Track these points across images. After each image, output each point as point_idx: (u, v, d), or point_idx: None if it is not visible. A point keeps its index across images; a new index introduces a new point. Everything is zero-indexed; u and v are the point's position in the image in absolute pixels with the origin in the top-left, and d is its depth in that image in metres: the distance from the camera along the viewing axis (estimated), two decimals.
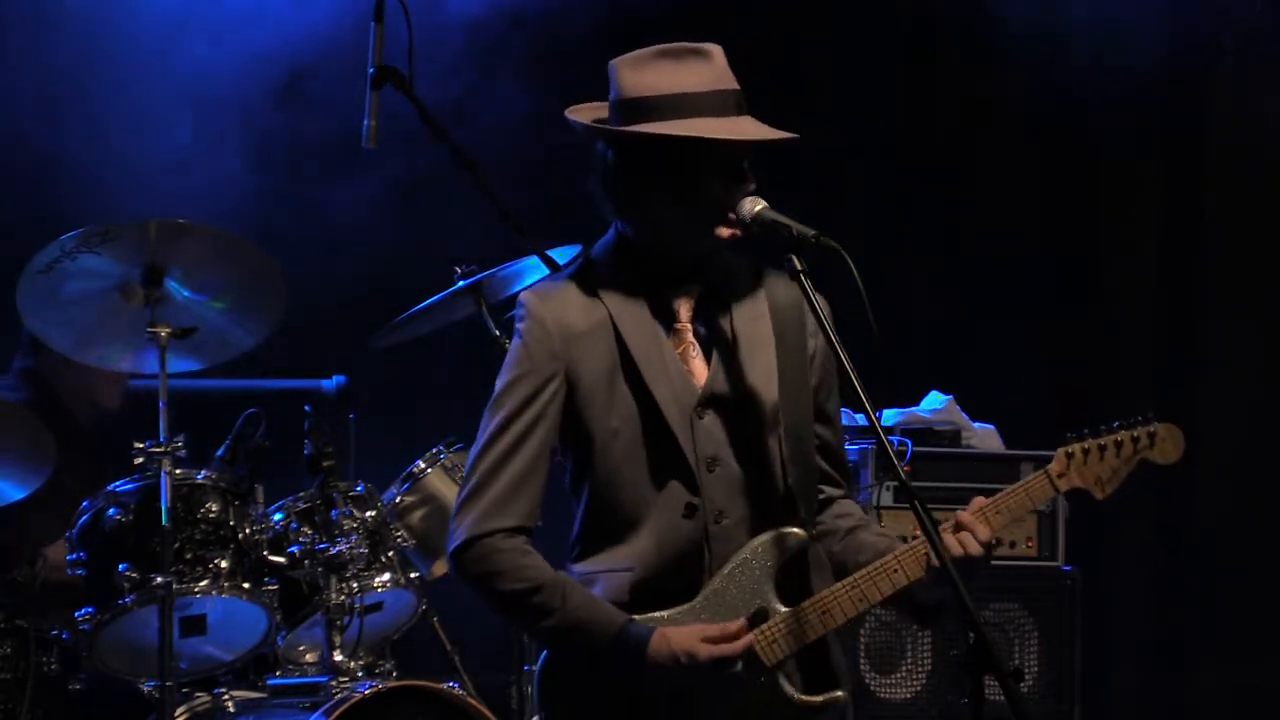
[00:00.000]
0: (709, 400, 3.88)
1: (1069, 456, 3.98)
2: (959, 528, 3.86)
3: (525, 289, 3.97)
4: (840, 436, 4.04)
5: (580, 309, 3.88)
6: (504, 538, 3.82)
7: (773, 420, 3.89)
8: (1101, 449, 3.98)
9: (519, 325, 3.89)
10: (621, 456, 3.85)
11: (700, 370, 3.90)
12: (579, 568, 3.89)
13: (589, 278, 3.92)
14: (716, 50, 3.89)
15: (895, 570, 3.85)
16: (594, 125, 3.90)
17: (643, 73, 3.85)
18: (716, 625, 3.79)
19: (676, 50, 3.87)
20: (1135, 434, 4.00)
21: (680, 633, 3.76)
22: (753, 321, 3.94)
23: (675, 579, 3.84)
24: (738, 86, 3.86)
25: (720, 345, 3.91)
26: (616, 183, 3.88)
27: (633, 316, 3.88)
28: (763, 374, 3.91)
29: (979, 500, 3.92)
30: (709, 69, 3.85)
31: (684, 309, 3.92)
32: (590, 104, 3.96)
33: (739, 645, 3.77)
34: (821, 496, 4.02)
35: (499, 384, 3.88)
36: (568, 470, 3.94)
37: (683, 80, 3.83)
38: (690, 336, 3.92)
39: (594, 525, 3.89)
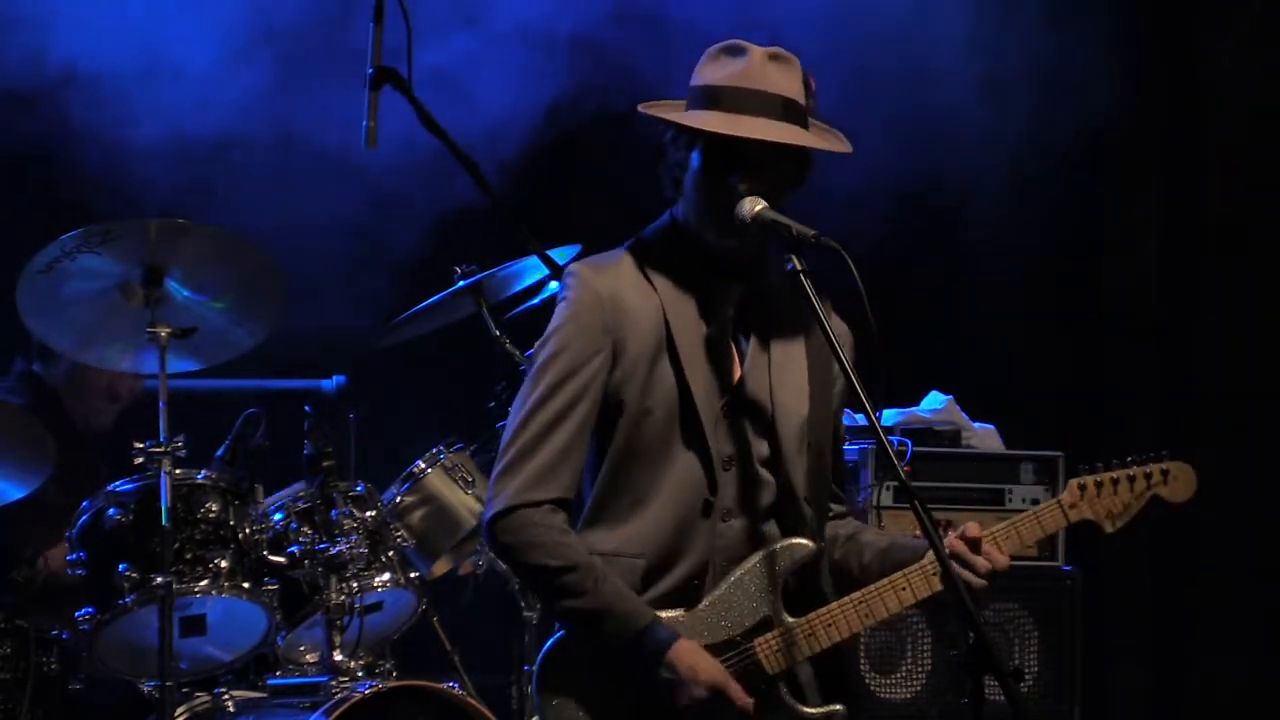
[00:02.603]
0: (738, 400, 3.91)
1: (1081, 489, 3.99)
2: (974, 546, 3.87)
3: (574, 262, 3.98)
4: (843, 458, 4.09)
5: (633, 286, 3.91)
6: (547, 511, 3.83)
7: (800, 433, 3.91)
8: (1114, 482, 3.99)
9: (569, 294, 3.90)
10: (647, 438, 3.86)
11: (733, 369, 3.92)
12: (586, 543, 3.88)
13: (641, 258, 3.95)
14: (783, 54, 3.91)
15: (904, 589, 3.87)
16: (641, 109, 3.97)
17: (705, 64, 3.93)
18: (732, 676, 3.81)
19: (729, 45, 3.93)
20: (1148, 470, 4.01)
21: (705, 654, 3.78)
22: (789, 335, 3.96)
23: (682, 574, 3.87)
24: (790, 95, 3.87)
25: (756, 349, 3.93)
26: (669, 164, 3.95)
27: (681, 303, 3.91)
28: (795, 386, 3.93)
29: (974, 526, 3.91)
30: (759, 68, 3.87)
31: (727, 307, 3.95)
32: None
33: (744, 703, 3.79)
34: (830, 515, 4.06)
35: (545, 350, 3.89)
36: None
37: (718, 74, 3.88)
38: (729, 334, 3.94)
39: (603, 500, 3.90)
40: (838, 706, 3.88)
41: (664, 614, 3.84)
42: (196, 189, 6.78)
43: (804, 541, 3.89)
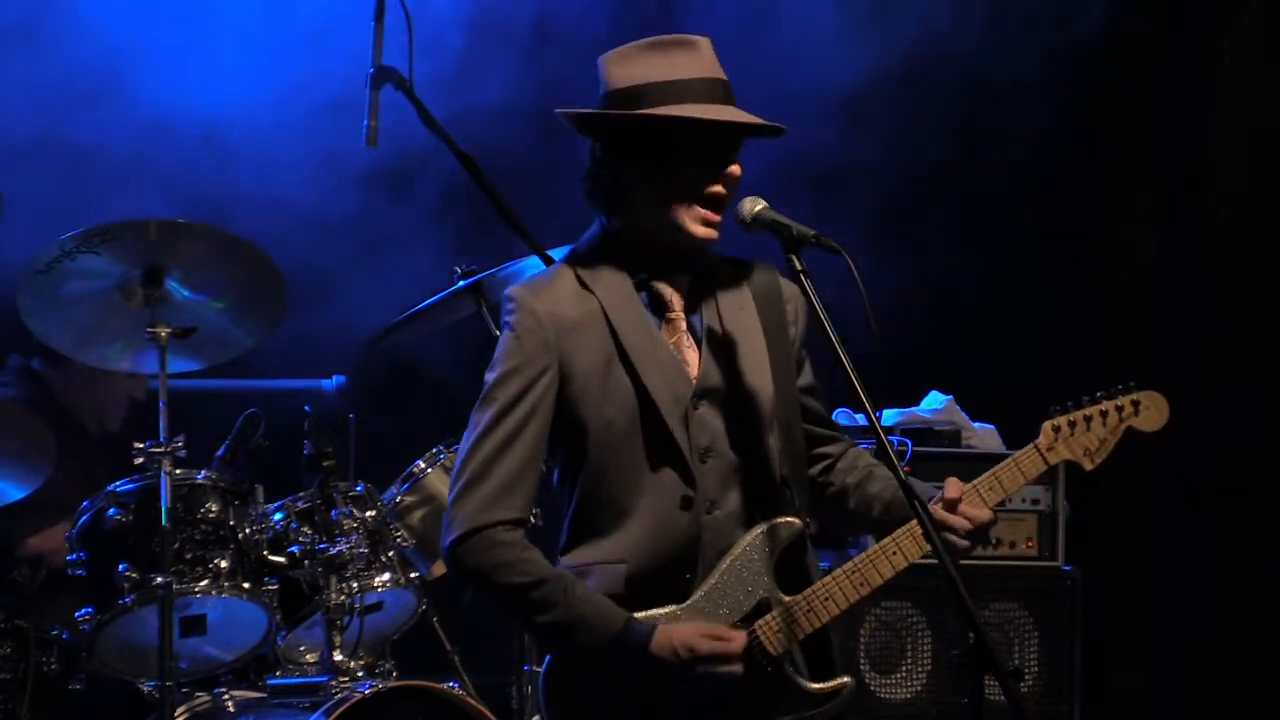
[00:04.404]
0: (704, 391, 3.89)
1: (1055, 430, 3.99)
2: (951, 506, 3.86)
3: (513, 285, 3.97)
4: (822, 398, 4.07)
5: (572, 301, 3.88)
6: (505, 530, 3.80)
7: (769, 411, 3.90)
8: (1087, 420, 4.00)
9: (509, 319, 3.89)
10: (615, 447, 3.85)
11: (694, 360, 3.91)
12: (569, 560, 3.89)
13: (577, 271, 3.92)
14: (704, 41, 3.91)
15: (894, 553, 3.87)
16: (581, 112, 3.91)
17: (629, 64, 3.88)
18: (714, 626, 3.80)
19: (663, 42, 3.89)
20: (1119, 403, 4.03)
21: (681, 628, 3.77)
22: (739, 312, 3.96)
23: (669, 571, 3.85)
24: (724, 77, 3.88)
25: (712, 336, 3.92)
26: (605, 174, 3.90)
27: (624, 307, 3.88)
28: (756, 365, 3.92)
29: (953, 485, 3.89)
30: (695, 58, 3.87)
31: (676, 300, 3.94)
32: (582, 108, 3.97)
33: (735, 645, 3.78)
34: (826, 461, 4.06)
35: (490, 377, 3.88)
36: (557, 466, 3.93)
37: (669, 69, 3.85)
38: (684, 327, 3.93)
39: (585, 518, 3.88)
40: (847, 679, 3.87)
41: (657, 611, 3.82)
42: (195, 188, 6.79)
43: (790, 520, 3.89)
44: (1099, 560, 7.31)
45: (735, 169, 3.87)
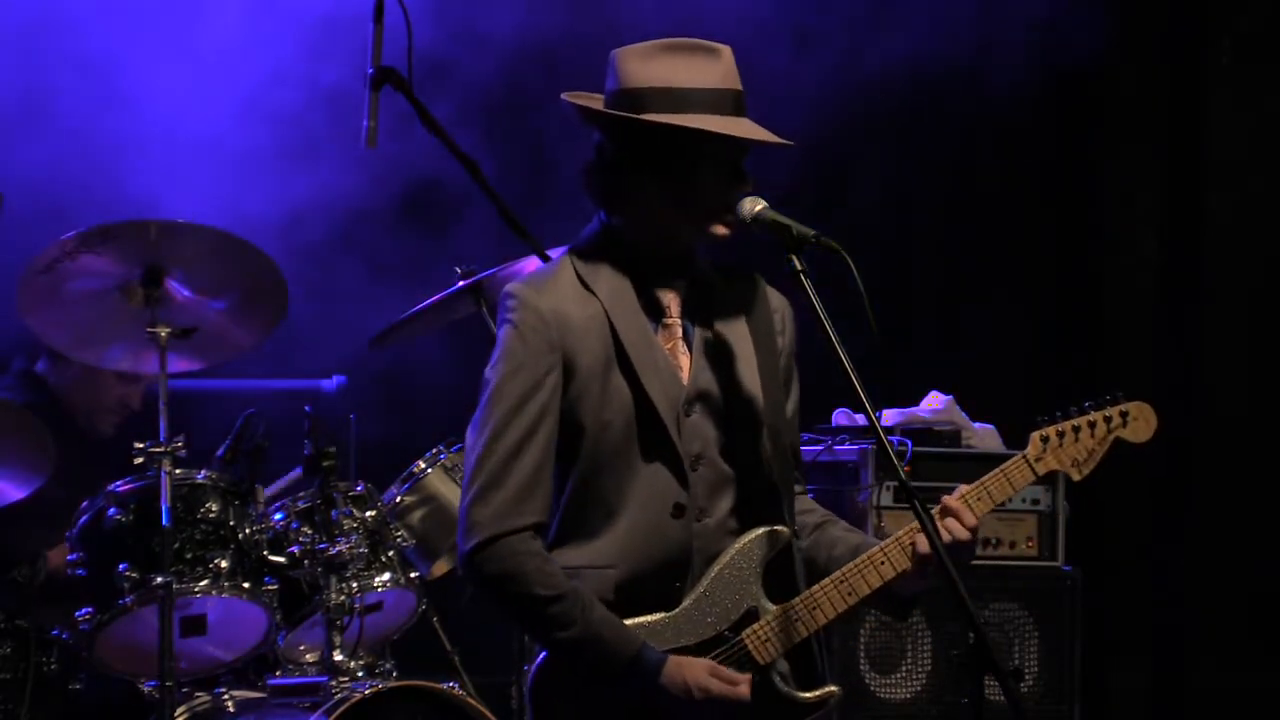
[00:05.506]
0: (697, 397, 3.87)
1: (1044, 440, 3.98)
2: (945, 513, 3.86)
3: (512, 282, 3.93)
4: (798, 435, 4.06)
5: (575, 300, 3.84)
6: (528, 538, 3.76)
7: (759, 419, 3.89)
8: (1075, 430, 4.00)
9: (511, 316, 3.83)
10: (611, 449, 3.81)
11: (687, 366, 3.89)
12: (555, 560, 3.84)
13: (578, 270, 3.88)
14: (724, 49, 3.87)
15: (883, 563, 3.85)
16: (595, 110, 3.88)
17: (647, 65, 3.83)
18: (725, 670, 3.78)
19: (682, 45, 3.85)
20: (1107, 414, 4.03)
21: (693, 665, 3.76)
22: (730, 319, 3.94)
23: (660, 577, 3.83)
24: (741, 88, 3.86)
25: (705, 343, 3.91)
26: (610, 173, 3.87)
27: (625, 309, 3.85)
28: (747, 373, 3.91)
29: (962, 487, 3.91)
30: (714, 67, 3.83)
31: (673, 304, 3.91)
32: (586, 93, 3.94)
33: (744, 689, 3.76)
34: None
35: (494, 376, 3.82)
36: None
37: (686, 75, 3.81)
38: (679, 333, 3.91)
39: (573, 518, 3.84)
40: (833, 688, 3.86)
41: (645, 619, 3.80)
42: (195, 187, 6.79)
43: (778, 528, 3.86)
44: (1099, 560, 7.31)
45: (748, 184, 3.85)
